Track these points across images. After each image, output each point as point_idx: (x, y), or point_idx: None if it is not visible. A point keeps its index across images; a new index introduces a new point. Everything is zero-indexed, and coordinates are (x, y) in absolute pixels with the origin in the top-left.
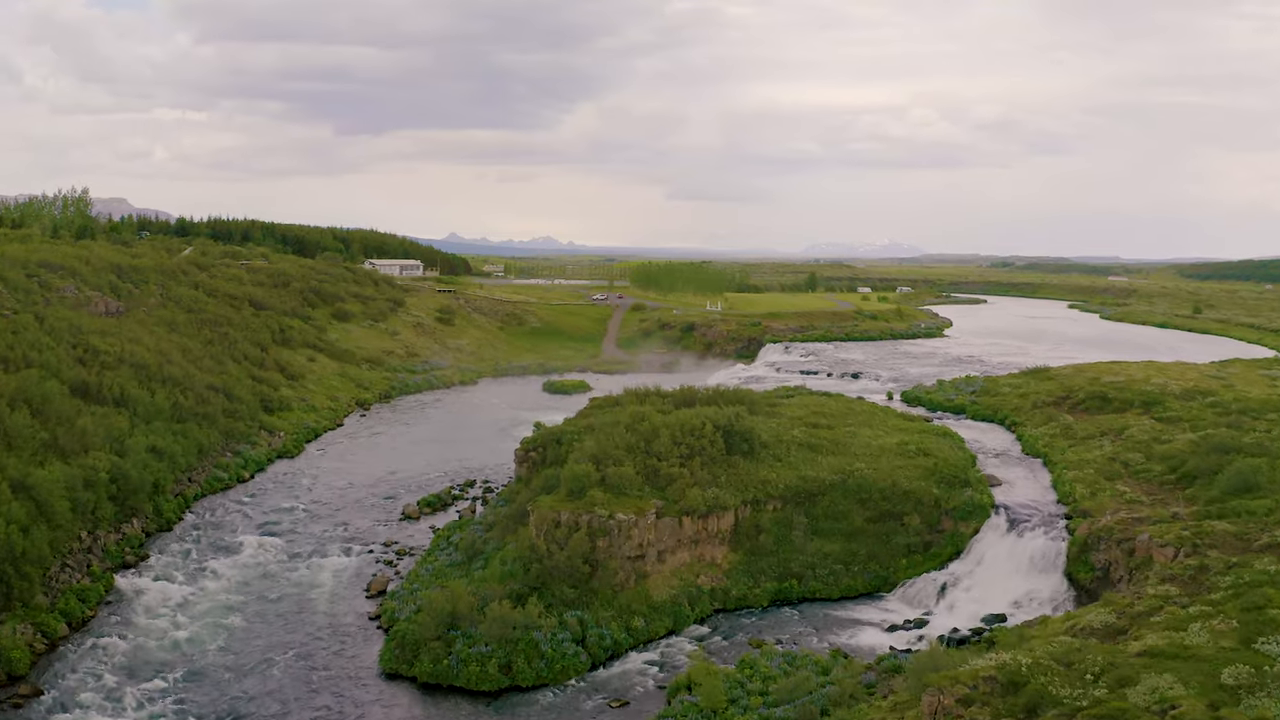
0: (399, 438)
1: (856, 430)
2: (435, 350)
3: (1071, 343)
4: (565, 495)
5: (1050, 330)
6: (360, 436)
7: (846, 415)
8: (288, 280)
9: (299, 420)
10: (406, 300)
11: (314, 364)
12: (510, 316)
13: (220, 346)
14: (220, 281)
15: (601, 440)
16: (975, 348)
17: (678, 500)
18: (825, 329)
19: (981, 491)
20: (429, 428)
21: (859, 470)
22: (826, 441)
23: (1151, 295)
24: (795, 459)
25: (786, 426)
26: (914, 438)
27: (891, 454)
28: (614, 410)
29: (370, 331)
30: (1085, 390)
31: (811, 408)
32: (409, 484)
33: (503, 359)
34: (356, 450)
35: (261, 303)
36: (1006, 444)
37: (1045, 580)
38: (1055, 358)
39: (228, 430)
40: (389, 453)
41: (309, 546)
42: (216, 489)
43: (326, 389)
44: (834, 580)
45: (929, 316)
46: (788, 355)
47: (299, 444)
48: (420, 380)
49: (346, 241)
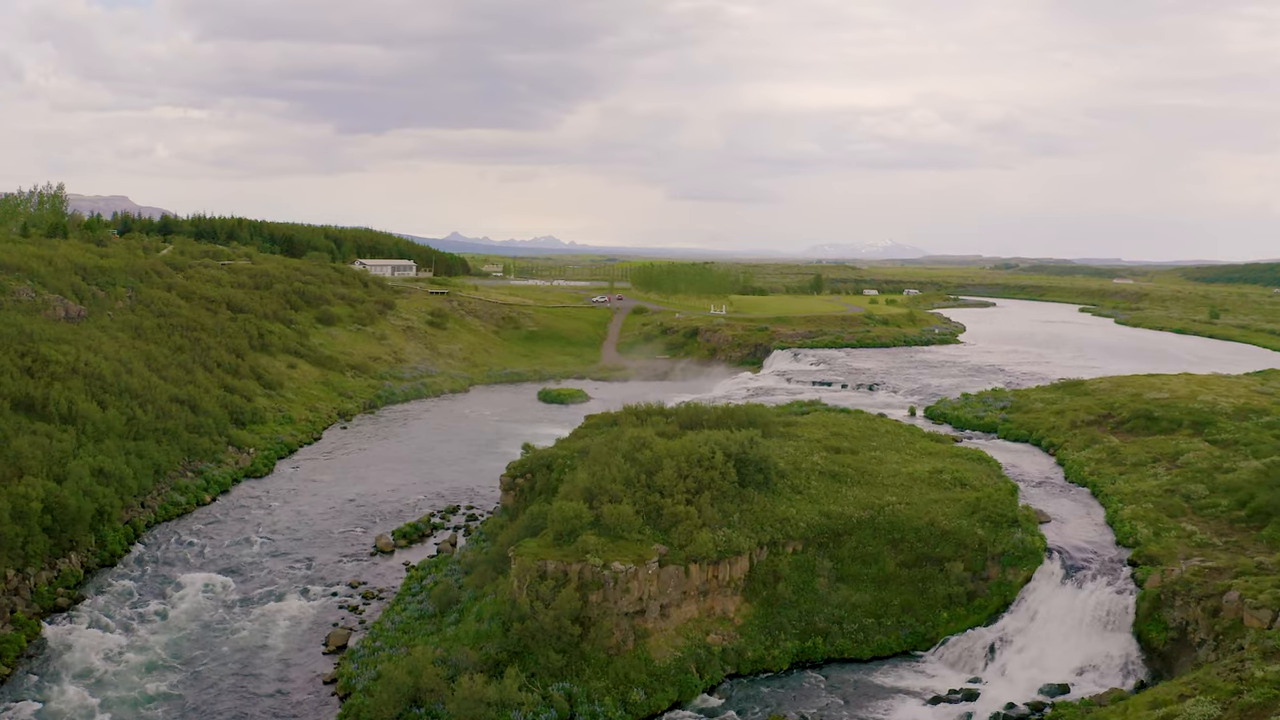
0: (380, 454)
1: (882, 455)
2: (425, 356)
3: (1093, 350)
4: (552, 539)
5: (1068, 336)
6: (338, 452)
7: (870, 436)
8: (270, 281)
9: (272, 434)
10: (396, 303)
11: (294, 371)
12: (506, 320)
13: (190, 354)
14: (197, 283)
15: (596, 471)
16: (994, 356)
17: (684, 545)
18: (835, 335)
19: (1031, 532)
20: (412, 442)
21: (890, 505)
22: (851, 469)
23: (1164, 299)
24: (817, 491)
25: (805, 451)
26: (947, 464)
27: (924, 484)
28: (611, 431)
29: (357, 336)
30: (1128, 408)
31: (830, 427)
32: (385, 509)
33: (496, 365)
34: (332, 468)
35: (240, 305)
36: (1046, 469)
37: (1111, 641)
38: (1081, 367)
39: (191, 447)
40: (367, 471)
41: (265, 587)
42: (173, 515)
43: (306, 399)
44: (864, 637)
45: (941, 321)
46: (797, 363)
47: (270, 461)
48: (408, 388)
49: (339, 241)
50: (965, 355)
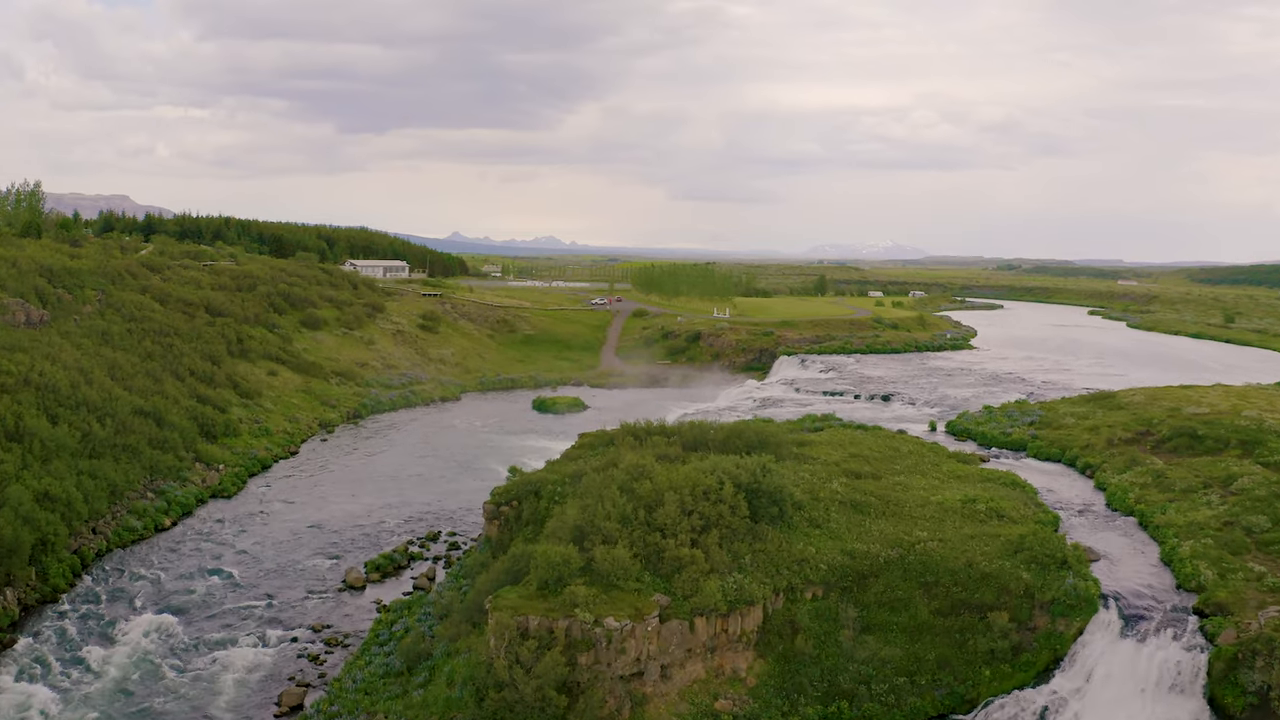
0: (359, 471)
1: (907, 480)
2: (415, 362)
3: (1112, 356)
4: (536, 589)
5: (1083, 341)
6: (315, 469)
7: (892, 457)
8: (254, 283)
9: (246, 449)
10: (386, 305)
11: (274, 379)
12: (501, 323)
13: (161, 361)
14: (174, 285)
15: (588, 506)
16: (1010, 363)
17: (689, 594)
18: (844, 340)
19: (1083, 575)
20: (395, 458)
21: (921, 543)
22: (874, 498)
23: (1173, 301)
24: (838, 524)
25: (823, 477)
26: (979, 490)
27: (957, 516)
28: (606, 453)
29: (343, 341)
30: (1167, 424)
31: (848, 447)
32: (360, 535)
33: (490, 371)
34: (307, 487)
35: (220, 309)
36: (1085, 495)
37: (1180, 707)
38: (1103, 376)
39: (153, 465)
40: (343, 491)
41: (219, 631)
42: (127, 541)
43: (286, 408)
44: (896, 700)
45: (951, 325)
46: (805, 371)
47: (240, 479)
48: (395, 396)
49: (331, 241)
50: (980, 362)
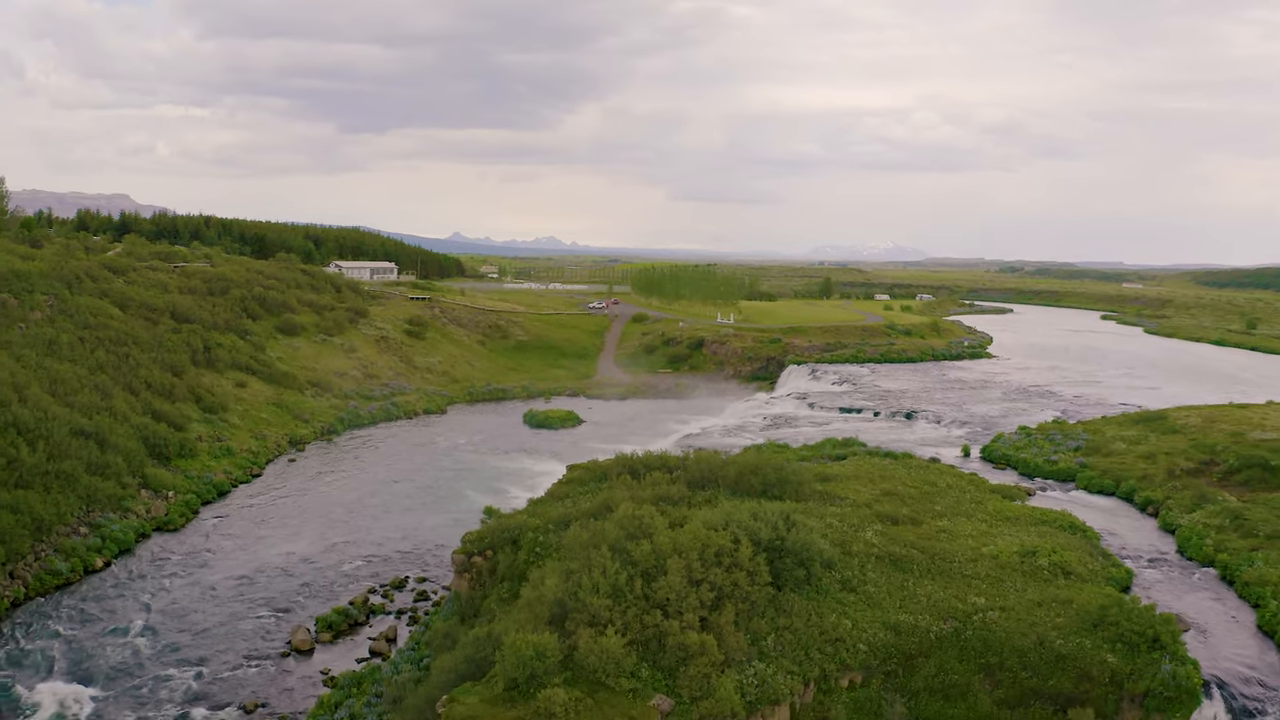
0: (325, 497)
1: (951, 525)
2: (399, 371)
3: (1140, 366)
4: (502, 690)
5: (1104, 349)
6: (276, 496)
7: (929, 494)
8: (227, 286)
9: (202, 472)
10: (370, 310)
11: (243, 391)
12: (493, 328)
13: (114, 373)
14: (138, 289)
15: (572, 573)
16: (1035, 373)
17: (698, 695)
18: (856, 348)
19: (1181, 658)
20: (366, 482)
21: (979, 612)
22: (916, 551)
23: (1188, 306)
24: (876, 588)
25: (854, 523)
26: (1036, 538)
27: (1017, 574)
28: (598, 491)
29: (321, 348)
30: (1232, 452)
31: (878, 481)
32: (316, 580)
33: (479, 380)
34: (265, 518)
35: (186, 314)
36: (1151, 539)
37: None
38: (1138, 390)
39: (91, 494)
40: (304, 523)
41: (134, 710)
42: (49, 587)
43: (253, 424)
44: None
45: (966, 331)
46: (817, 382)
47: (191, 509)
48: (376, 409)
49: (319, 241)
50: (1002, 373)
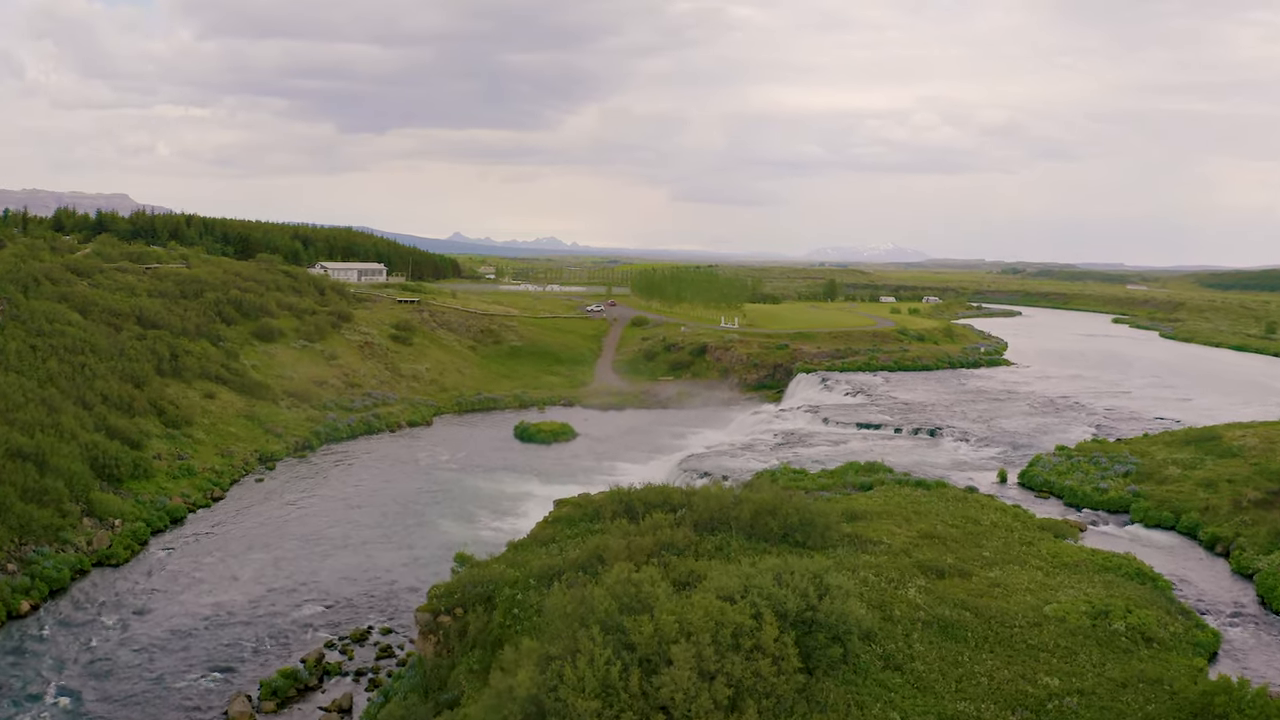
0: (288, 526)
1: (1004, 574)
2: (384, 379)
3: (1166, 374)
4: None
5: (1124, 355)
6: (236, 523)
7: (972, 533)
8: (201, 289)
9: (156, 495)
10: (355, 314)
11: (212, 403)
12: (485, 333)
13: (65, 385)
14: (104, 292)
15: (552, 660)
16: (1058, 382)
17: None
18: (868, 355)
19: None
20: (335, 507)
21: (1054, 699)
22: (969, 613)
23: (1201, 309)
24: (926, 666)
25: (892, 578)
26: (1101, 589)
27: (1090, 642)
28: (589, 537)
29: (301, 355)
30: None
31: (913, 519)
32: (267, 628)
33: (469, 389)
34: (220, 550)
35: (154, 319)
36: (1225, 584)
37: None
38: (1170, 402)
39: (24, 523)
40: (261, 557)
41: None
42: None
43: (220, 439)
44: None
45: (980, 336)
46: (829, 393)
47: (139, 539)
48: (355, 422)
49: (308, 241)
50: (1024, 382)
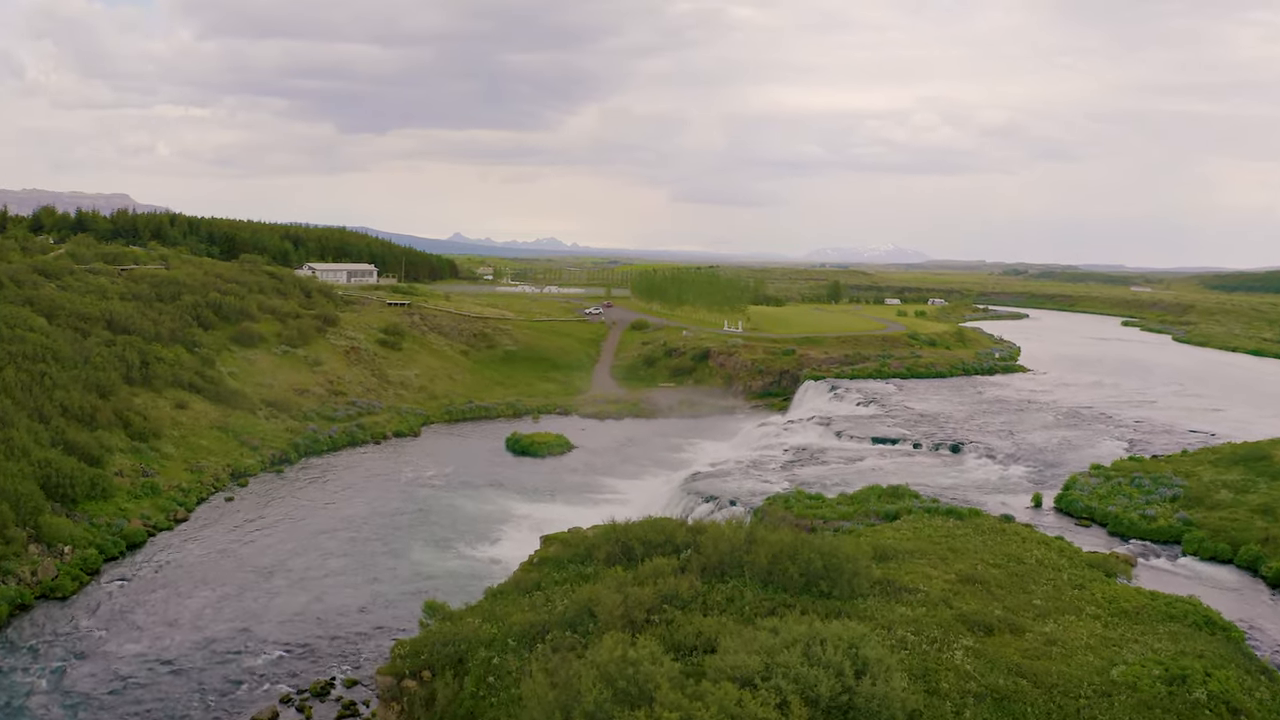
0: (252, 554)
1: (1059, 628)
2: (370, 386)
3: (1190, 382)
4: None
5: (1141, 360)
6: (196, 550)
7: (1019, 576)
8: (178, 291)
9: (114, 517)
10: (342, 317)
11: (183, 414)
12: (478, 337)
13: (20, 396)
14: (73, 295)
15: None
16: (1078, 390)
17: None
18: (878, 361)
19: None
20: (308, 529)
21: None
22: (1025, 680)
23: (1212, 312)
24: None
25: (933, 638)
26: (1168, 642)
27: (1169, 715)
28: (579, 585)
29: (283, 361)
30: None
31: (949, 557)
32: (215, 679)
33: (460, 396)
34: (175, 583)
35: (125, 324)
36: None
37: None
38: (1199, 412)
39: None
40: (219, 590)
41: None
42: None
43: (190, 453)
44: None
45: (992, 340)
46: (840, 402)
47: (89, 568)
48: (338, 433)
49: (298, 241)
50: (1043, 390)
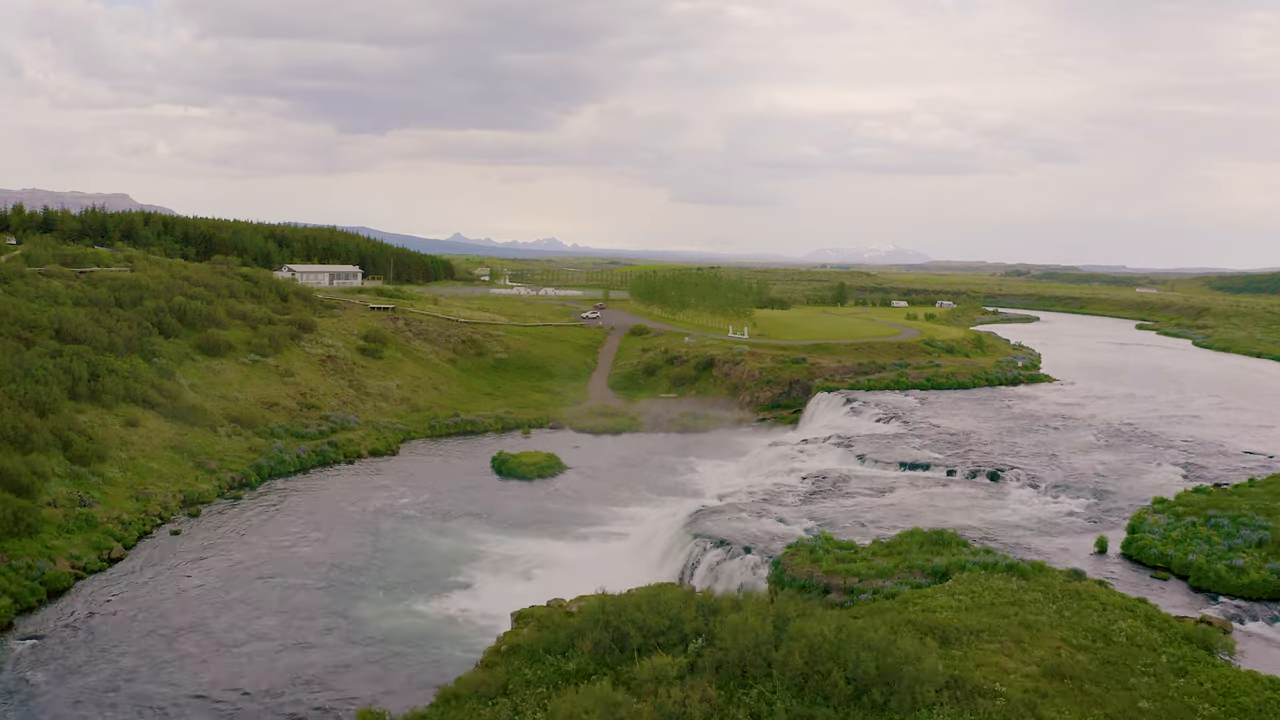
0: (184, 603)
1: None
2: (347, 398)
3: (1226, 392)
4: None
5: (1170, 368)
6: (129, 597)
7: (1111, 662)
8: (140, 296)
9: (38, 557)
10: (320, 323)
11: (134, 431)
12: (466, 344)
13: None
14: (20, 300)
15: None
16: (1113, 403)
17: None
18: (895, 370)
19: None
20: (250, 574)
21: None
22: None
23: (1228, 314)
24: None
25: None
26: None
27: None
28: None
29: (251, 372)
30: None
31: (1024, 639)
32: None
33: (445, 409)
34: (93, 642)
35: (75, 333)
36: None
37: None
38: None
39: None
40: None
41: None
42: None
43: (138, 477)
44: None
45: (1012, 347)
46: (857, 417)
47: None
48: (307, 452)
49: (284, 241)
50: (1076, 403)
